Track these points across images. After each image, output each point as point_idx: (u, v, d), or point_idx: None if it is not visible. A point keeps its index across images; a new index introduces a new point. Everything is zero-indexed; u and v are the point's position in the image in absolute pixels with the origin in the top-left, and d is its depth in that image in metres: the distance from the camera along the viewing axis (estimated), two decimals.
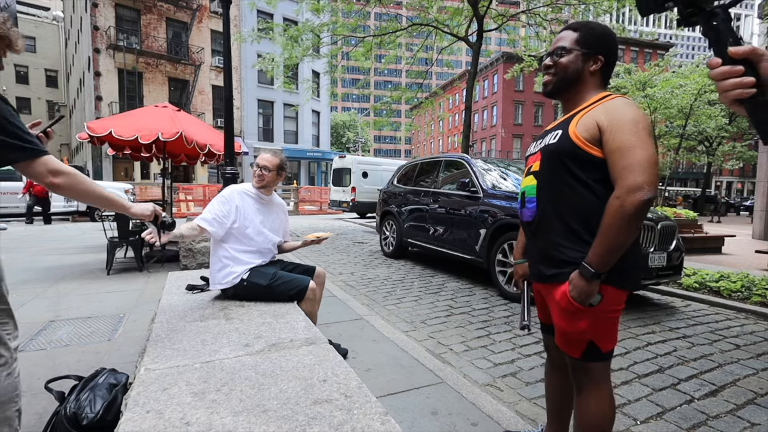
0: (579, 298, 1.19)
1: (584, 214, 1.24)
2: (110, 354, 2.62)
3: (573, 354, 1.30)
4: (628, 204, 1.11)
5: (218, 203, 2.29)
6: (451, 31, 10.97)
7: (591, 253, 1.17)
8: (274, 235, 2.52)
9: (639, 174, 1.11)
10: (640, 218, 1.12)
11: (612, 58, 1.32)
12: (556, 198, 1.29)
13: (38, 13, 41.38)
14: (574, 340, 1.27)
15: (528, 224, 1.41)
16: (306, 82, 14.02)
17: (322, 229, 10.80)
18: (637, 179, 1.11)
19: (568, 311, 1.25)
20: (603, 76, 1.33)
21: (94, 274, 4.84)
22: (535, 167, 1.37)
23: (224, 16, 5.83)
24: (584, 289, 1.18)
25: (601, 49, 1.30)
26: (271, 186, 2.49)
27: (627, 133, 1.15)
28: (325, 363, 1.50)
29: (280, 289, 2.27)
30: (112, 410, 1.49)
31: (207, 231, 2.20)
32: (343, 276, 5.16)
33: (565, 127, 1.28)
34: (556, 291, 1.28)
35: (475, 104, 41.92)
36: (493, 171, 5.16)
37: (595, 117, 1.22)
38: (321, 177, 29.55)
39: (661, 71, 21.06)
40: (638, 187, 1.10)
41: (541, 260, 1.35)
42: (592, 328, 1.24)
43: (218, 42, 23.27)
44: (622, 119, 1.17)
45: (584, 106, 1.29)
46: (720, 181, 47.82)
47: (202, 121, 8.22)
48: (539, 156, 1.36)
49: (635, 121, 1.16)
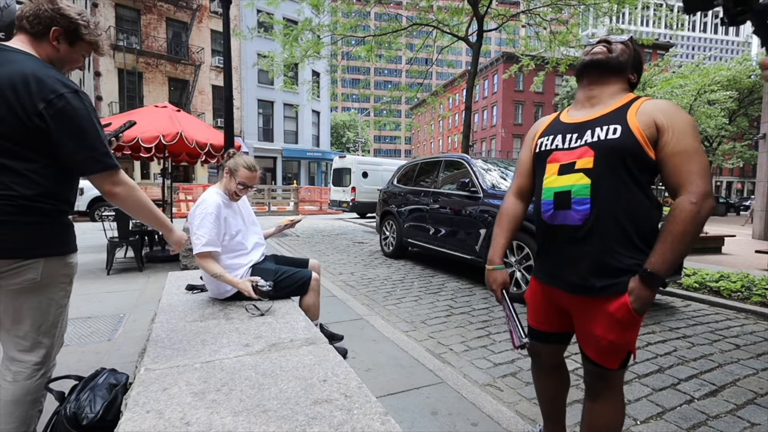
0: (642, 308, 1.15)
1: (639, 218, 1.19)
2: (110, 354, 2.62)
3: (611, 365, 1.25)
4: (704, 210, 1.09)
5: (211, 223, 2.15)
6: (451, 30, 10.97)
7: (657, 260, 1.12)
8: (255, 227, 2.50)
9: (707, 180, 1.10)
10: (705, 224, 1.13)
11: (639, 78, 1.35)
12: (615, 200, 1.19)
13: None
14: (618, 350, 1.23)
15: (575, 228, 1.24)
16: (306, 83, 14.03)
17: (322, 229, 10.80)
18: (708, 186, 1.10)
19: (624, 323, 1.18)
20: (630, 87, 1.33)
21: (94, 274, 4.84)
22: (585, 164, 1.23)
23: (224, 16, 5.83)
24: (648, 299, 1.14)
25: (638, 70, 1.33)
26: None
27: (690, 137, 1.13)
28: (325, 363, 1.50)
29: (284, 283, 2.28)
30: (112, 410, 1.48)
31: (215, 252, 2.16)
32: (343, 276, 5.16)
33: (623, 122, 1.19)
34: (609, 303, 1.20)
35: (475, 104, 41.92)
36: (493, 171, 5.16)
37: (652, 115, 1.16)
38: (321, 177, 29.55)
39: (661, 71, 21.07)
40: (710, 194, 1.09)
41: (592, 270, 1.23)
42: (635, 337, 1.23)
43: (218, 42, 23.26)
44: (684, 122, 1.14)
45: (628, 100, 1.24)
46: (720, 181, 47.83)
47: (201, 120, 8.21)
48: (589, 152, 1.22)
49: (694, 125, 1.15)
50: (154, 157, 6.93)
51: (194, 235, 2.15)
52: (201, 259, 2.14)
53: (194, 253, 2.16)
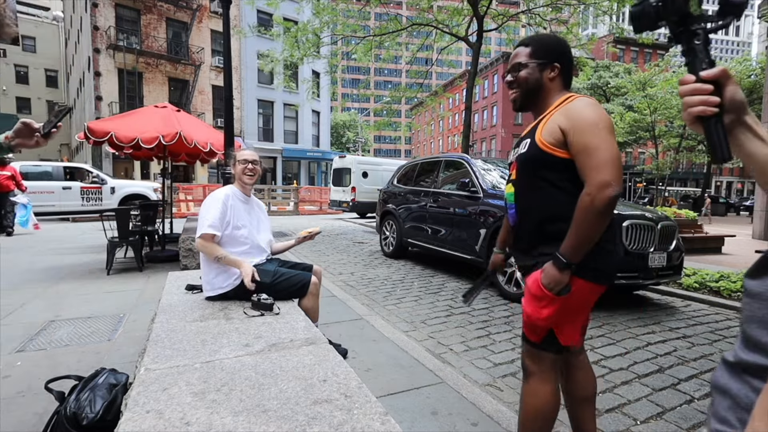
0: (549, 285, 1.26)
1: (558, 215, 1.32)
2: (110, 354, 2.62)
3: (533, 338, 1.38)
4: (598, 200, 1.19)
5: (216, 209, 2.25)
6: (451, 30, 10.97)
7: (564, 244, 1.24)
8: (264, 234, 2.54)
9: (606, 172, 1.20)
10: (609, 213, 1.21)
11: (567, 63, 1.41)
12: (532, 204, 1.38)
13: (38, 13, 41.38)
14: (536, 326, 1.34)
15: (512, 228, 1.51)
16: (306, 82, 14.02)
17: (321, 228, 10.80)
18: (605, 177, 1.19)
19: (537, 297, 1.31)
20: (563, 81, 1.41)
21: (94, 274, 4.84)
22: (513, 176, 1.46)
23: (224, 16, 5.84)
24: (555, 278, 1.24)
25: (555, 57, 1.39)
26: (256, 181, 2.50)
27: (588, 135, 1.23)
28: (325, 363, 1.50)
29: (283, 285, 2.28)
30: (112, 410, 1.49)
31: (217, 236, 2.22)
32: (343, 276, 5.16)
33: (533, 135, 1.36)
34: (529, 278, 1.36)
35: (475, 104, 41.91)
36: (493, 171, 5.16)
37: (557, 121, 1.30)
38: (321, 177, 29.54)
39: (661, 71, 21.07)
40: (607, 184, 1.19)
41: (524, 258, 1.45)
42: (555, 317, 1.30)
43: (218, 42, 23.26)
44: (583, 121, 1.25)
45: (547, 111, 1.37)
46: (720, 181, 47.84)
47: (201, 120, 8.21)
48: (515, 165, 1.44)
49: (595, 122, 1.24)
50: (154, 157, 6.94)
51: (199, 220, 2.25)
52: (203, 242, 2.19)
53: (197, 235, 2.21)
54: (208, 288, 2.27)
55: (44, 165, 11.29)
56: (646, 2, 0.81)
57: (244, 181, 2.42)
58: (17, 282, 4.41)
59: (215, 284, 2.25)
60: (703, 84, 0.72)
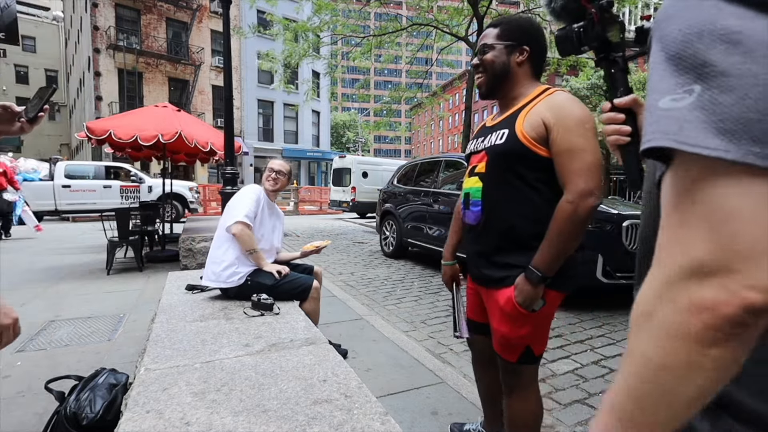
0: (524, 303, 1.18)
1: (531, 218, 1.22)
2: (110, 354, 2.62)
3: (509, 358, 1.29)
4: (581, 209, 1.10)
5: (251, 201, 2.34)
6: (451, 30, 10.97)
7: (538, 257, 1.15)
8: (276, 241, 2.58)
9: (590, 179, 1.11)
10: (588, 223, 1.13)
11: (538, 48, 1.28)
12: (504, 202, 1.26)
13: (38, 13, 41.36)
14: (513, 345, 1.26)
15: (472, 227, 1.36)
16: (306, 82, 14.01)
17: (322, 229, 10.80)
18: (589, 184, 1.10)
19: (511, 316, 1.22)
20: (533, 68, 1.29)
21: (94, 274, 4.84)
22: (480, 168, 1.31)
23: (224, 16, 5.84)
24: (530, 294, 1.16)
25: (524, 40, 1.26)
26: (281, 190, 2.57)
27: (575, 134, 1.13)
28: (325, 363, 1.50)
29: (284, 288, 2.29)
30: (112, 410, 1.49)
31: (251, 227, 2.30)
32: (343, 276, 5.16)
33: (511, 126, 1.22)
34: (500, 295, 1.26)
35: (475, 104, 41.88)
36: None
37: (540, 114, 1.18)
38: (321, 177, 29.53)
39: None
40: (590, 193, 1.10)
41: (487, 265, 1.32)
42: (531, 334, 1.24)
43: (218, 42, 23.25)
44: (571, 119, 1.15)
45: (527, 101, 1.24)
46: None
47: (202, 120, 8.21)
48: (484, 156, 1.29)
49: (582, 120, 1.14)
50: (153, 157, 6.94)
51: (234, 209, 2.29)
52: (245, 228, 2.24)
53: (234, 221, 2.24)
54: (213, 278, 2.28)
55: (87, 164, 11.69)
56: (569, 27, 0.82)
57: (266, 187, 2.51)
58: (17, 282, 4.41)
59: (221, 277, 2.26)
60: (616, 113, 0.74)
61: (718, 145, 0.32)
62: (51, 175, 10.80)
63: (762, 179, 0.31)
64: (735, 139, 0.31)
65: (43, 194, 10.42)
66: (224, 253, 2.29)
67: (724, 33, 0.32)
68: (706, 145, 0.32)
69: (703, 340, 0.33)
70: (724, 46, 0.32)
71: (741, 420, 0.40)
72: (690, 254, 0.33)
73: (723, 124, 0.32)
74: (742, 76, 0.31)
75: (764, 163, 0.30)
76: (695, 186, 0.34)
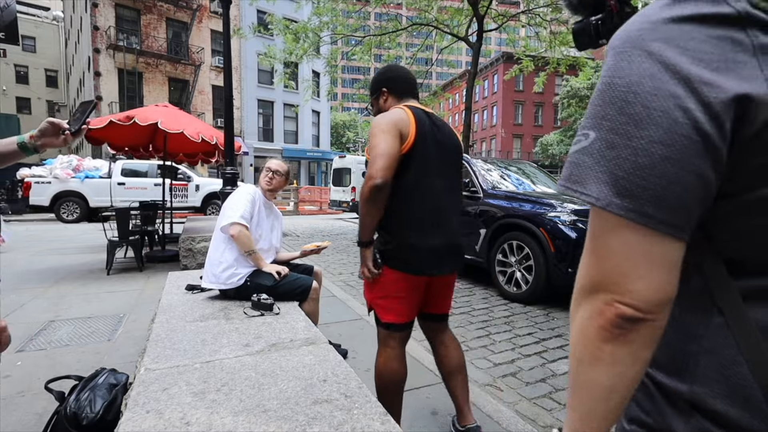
0: (362, 263, 1.57)
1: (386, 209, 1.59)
2: (110, 354, 2.62)
3: (369, 314, 1.70)
4: (364, 189, 1.46)
5: (246, 202, 2.34)
6: (451, 31, 10.96)
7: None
8: (275, 241, 2.58)
9: (371, 167, 1.45)
10: (373, 200, 1.45)
11: (390, 84, 1.72)
12: None
13: (38, 13, 41.35)
14: (367, 302, 1.67)
15: None
16: (306, 82, 14.01)
17: (322, 229, 10.80)
18: (370, 171, 1.44)
19: (366, 279, 1.61)
20: (395, 95, 1.71)
21: (94, 274, 4.84)
22: None
23: (224, 16, 5.84)
24: (361, 255, 1.56)
25: (379, 86, 1.73)
26: (278, 190, 2.57)
27: (371, 137, 1.52)
28: (325, 363, 1.50)
29: (284, 289, 2.28)
30: (112, 410, 1.49)
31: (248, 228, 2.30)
32: (343, 276, 5.16)
33: None
34: None
35: (475, 104, 41.91)
36: (493, 171, 5.16)
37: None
38: (321, 177, 29.53)
39: None
40: (370, 176, 1.43)
41: None
42: (372, 297, 1.62)
43: (218, 42, 23.24)
44: (373, 126, 1.53)
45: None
46: None
47: (202, 120, 8.20)
48: None
49: (375, 125, 1.52)
50: (152, 157, 6.92)
51: (230, 210, 2.29)
52: (243, 230, 2.24)
53: (230, 222, 2.24)
54: (212, 279, 2.28)
55: (141, 163, 11.69)
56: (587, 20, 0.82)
57: (262, 186, 2.52)
58: (17, 282, 4.41)
59: (220, 278, 2.26)
60: None
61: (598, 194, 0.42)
62: (110, 172, 11.20)
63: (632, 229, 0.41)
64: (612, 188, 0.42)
65: (101, 191, 11.01)
66: (222, 254, 2.28)
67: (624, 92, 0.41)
68: (588, 193, 0.43)
69: (597, 338, 0.44)
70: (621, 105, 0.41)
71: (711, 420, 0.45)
72: (589, 275, 0.45)
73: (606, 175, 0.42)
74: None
75: (628, 215, 0.40)
76: (592, 223, 0.45)
